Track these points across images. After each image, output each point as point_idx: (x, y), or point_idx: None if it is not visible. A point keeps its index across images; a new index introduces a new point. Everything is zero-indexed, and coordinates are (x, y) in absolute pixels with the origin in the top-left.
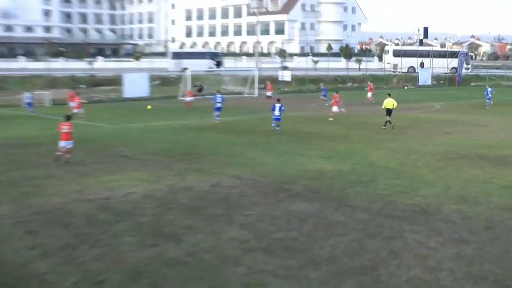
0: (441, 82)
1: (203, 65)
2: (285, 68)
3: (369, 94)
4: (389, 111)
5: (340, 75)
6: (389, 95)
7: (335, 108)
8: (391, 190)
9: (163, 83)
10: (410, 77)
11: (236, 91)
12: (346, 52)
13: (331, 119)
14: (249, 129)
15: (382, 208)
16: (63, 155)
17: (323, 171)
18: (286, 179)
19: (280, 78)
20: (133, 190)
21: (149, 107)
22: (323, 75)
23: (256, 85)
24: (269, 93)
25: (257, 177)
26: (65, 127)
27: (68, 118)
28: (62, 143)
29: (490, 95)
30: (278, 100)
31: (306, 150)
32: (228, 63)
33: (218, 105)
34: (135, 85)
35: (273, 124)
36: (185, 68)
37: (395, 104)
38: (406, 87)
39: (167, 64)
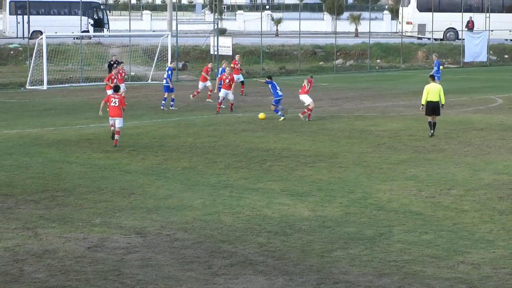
0: (506, 56)
1: (70, 26)
2: (222, 32)
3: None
4: (433, 107)
5: (321, 44)
6: (432, 77)
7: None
8: (415, 253)
9: None
10: (450, 47)
11: (133, 75)
12: (333, 3)
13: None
14: (156, 144)
15: (399, 287)
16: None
17: (293, 220)
18: (225, 234)
19: (213, 51)
20: None
21: None
22: (291, 44)
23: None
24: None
25: (171, 231)
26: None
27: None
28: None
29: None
30: (270, 78)
31: (262, 181)
32: (117, 22)
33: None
34: None
35: (279, 112)
36: (37, 32)
37: (442, 94)
38: (442, 67)
39: (3, 24)
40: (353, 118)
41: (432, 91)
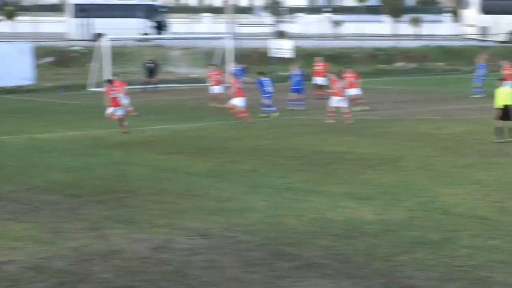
0: None
1: (132, 29)
2: (281, 34)
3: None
4: (504, 111)
5: (382, 47)
6: (501, 81)
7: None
8: (482, 258)
9: (60, 61)
10: None
11: (194, 77)
12: (393, 6)
13: (331, 121)
14: (218, 146)
15: None
16: None
17: (357, 223)
18: (289, 237)
19: (273, 53)
20: (10, 257)
21: None
22: (352, 47)
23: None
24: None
25: (235, 233)
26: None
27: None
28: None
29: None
30: (263, 74)
31: (325, 184)
32: (177, 25)
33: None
34: (7, 66)
35: (265, 109)
36: (99, 35)
37: None
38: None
39: (67, 27)
40: (416, 121)
41: (503, 95)
